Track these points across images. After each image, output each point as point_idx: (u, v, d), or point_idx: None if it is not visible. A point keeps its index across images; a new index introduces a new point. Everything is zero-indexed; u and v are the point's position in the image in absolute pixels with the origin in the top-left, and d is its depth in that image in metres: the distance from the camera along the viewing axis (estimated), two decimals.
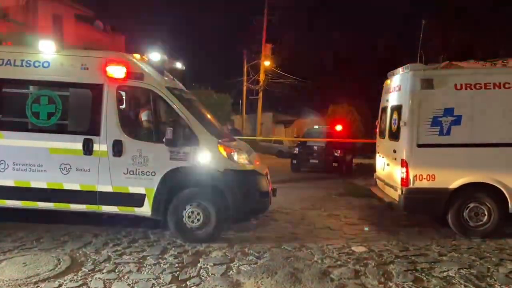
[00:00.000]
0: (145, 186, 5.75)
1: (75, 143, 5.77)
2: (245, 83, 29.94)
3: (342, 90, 26.26)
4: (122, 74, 5.83)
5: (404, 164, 6.29)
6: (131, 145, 5.77)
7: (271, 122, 38.60)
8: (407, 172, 6.25)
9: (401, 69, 6.83)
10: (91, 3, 21.52)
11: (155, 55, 6.26)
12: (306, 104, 31.73)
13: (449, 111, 6.20)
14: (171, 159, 5.73)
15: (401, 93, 6.75)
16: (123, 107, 6.25)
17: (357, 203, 8.99)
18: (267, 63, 28.19)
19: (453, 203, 6.26)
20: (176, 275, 4.68)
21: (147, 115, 6.07)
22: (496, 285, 4.59)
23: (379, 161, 7.83)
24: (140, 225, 6.39)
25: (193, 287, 4.42)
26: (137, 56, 6.20)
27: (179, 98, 6.05)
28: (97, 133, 5.79)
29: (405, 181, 6.28)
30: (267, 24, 28.44)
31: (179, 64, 7.03)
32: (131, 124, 6.11)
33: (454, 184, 6.20)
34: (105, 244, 5.63)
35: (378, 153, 8.02)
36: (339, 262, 5.16)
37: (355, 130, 23.59)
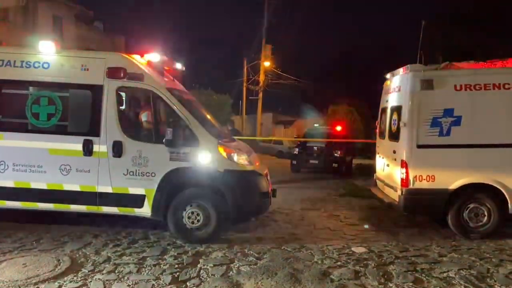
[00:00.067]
0: (145, 187, 5.76)
1: (75, 144, 5.77)
2: (245, 84, 29.94)
3: (342, 90, 26.30)
4: (122, 75, 5.83)
5: (404, 164, 6.29)
6: (131, 146, 5.77)
7: (271, 123, 38.63)
8: (407, 172, 6.25)
9: (401, 69, 6.83)
10: (91, 4, 21.57)
11: (155, 55, 6.26)
12: (306, 105, 31.74)
13: (449, 112, 6.20)
14: (171, 159, 5.73)
15: (401, 93, 6.75)
16: (123, 107, 6.24)
17: (357, 204, 8.99)
18: (267, 63, 28.18)
19: (453, 204, 6.26)
20: (176, 275, 4.68)
21: (147, 116, 6.07)
22: (496, 286, 4.59)
23: (379, 162, 7.83)
24: (140, 226, 6.39)
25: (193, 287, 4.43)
26: (137, 57, 6.20)
27: (179, 98, 6.05)
28: (97, 134, 5.79)
29: (405, 181, 6.28)
30: (267, 25, 28.43)
31: (179, 65, 7.03)
32: (131, 125, 6.11)
33: (454, 184, 6.21)
34: (105, 245, 5.63)
35: (378, 153, 8.02)
36: (339, 263, 5.16)
37: (355, 131, 23.62)
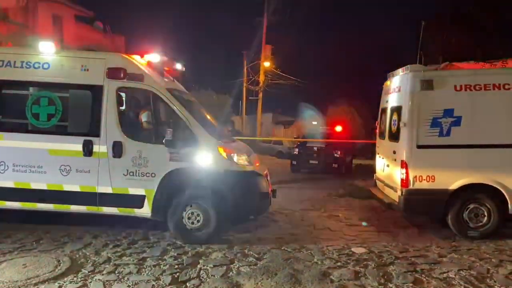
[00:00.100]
0: (145, 187, 5.76)
1: (75, 144, 5.77)
2: (245, 84, 29.96)
3: (342, 90, 26.33)
4: (122, 75, 5.83)
5: (404, 165, 6.29)
6: (131, 146, 5.77)
7: (271, 123, 38.63)
8: (407, 173, 6.25)
9: (401, 70, 6.83)
10: (91, 4, 21.56)
11: (155, 56, 6.26)
12: (306, 105, 31.75)
13: (448, 112, 6.20)
14: (171, 160, 5.73)
15: (401, 94, 6.75)
16: (123, 108, 6.25)
17: (357, 204, 8.99)
18: (267, 64, 28.18)
19: (453, 204, 6.26)
20: (176, 276, 4.68)
21: (147, 116, 6.07)
22: (495, 286, 4.59)
23: (379, 162, 7.83)
24: (140, 226, 6.39)
25: None
26: (137, 57, 6.20)
27: (179, 99, 6.05)
28: (97, 134, 5.79)
29: (405, 182, 6.28)
30: (267, 25, 28.43)
31: (179, 65, 7.03)
32: (131, 125, 6.10)
33: (454, 185, 6.20)
34: (105, 245, 5.63)
35: (378, 154, 8.02)
36: (339, 263, 5.16)
37: (355, 131, 23.64)
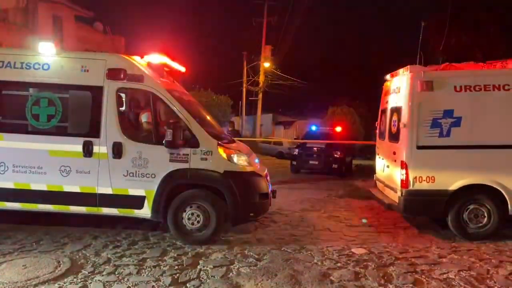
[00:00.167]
0: (145, 188, 5.76)
1: (75, 145, 5.77)
2: (244, 85, 29.98)
3: (342, 91, 26.34)
4: (122, 76, 5.82)
5: (404, 165, 6.29)
6: (131, 147, 5.77)
7: (271, 123, 38.65)
8: (406, 173, 6.25)
9: (401, 70, 6.83)
10: (91, 5, 21.57)
11: (155, 57, 6.26)
12: (306, 105, 31.78)
13: (448, 113, 6.20)
14: (171, 161, 5.73)
15: (400, 94, 6.75)
16: (123, 109, 6.24)
17: (357, 205, 8.98)
18: (266, 64, 28.20)
19: (453, 205, 6.25)
20: (176, 277, 4.68)
21: (147, 117, 6.08)
22: (495, 287, 4.59)
23: (379, 163, 7.83)
24: (140, 227, 6.39)
25: None
26: (137, 58, 6.20)
27: (179, 99, 6.05)
28: (97, 135, 5.79)
29: (404, 182, 6.28)
30: (266, 25, 28.47)
31: (179, 66, 7.02)
32: (131, 126, 6.11)
33: (454, 186, 6.20)
34: (105, 246, 5.63)
35: (378, 154, 8.02)
36: (339, 264, 5.16)
37: (355, 132, 23.63)
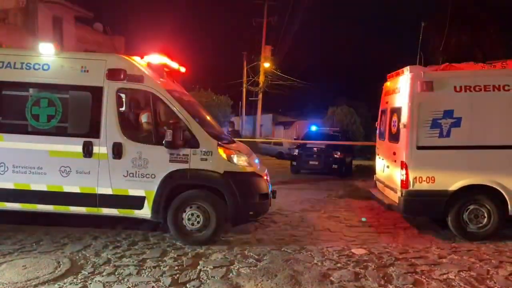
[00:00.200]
0: (145, 189, 5.76)
1: (75, 146, 5.77)
2: (244, 85, 29.98)
3: (342, 91, 26.35)
4: (122, 76, 5.82)
5: (404, 166, 6.29)
6: (131, 148, 5.77)
7: (271, 124, 38.67)
8: (406, 174, 6.25)
9: (401, 71, 6.83)
10: (91, 5, 21.57)
11: (155, 57, 6.26)
12: (306, 106, 31.79)
13: (448, 113, 6.20)
14: (170, 161, 5.73)
15: (400, 95, 6.75)
16: (123, 109, 6.25)
17: (357, 205, 8.98)
18: (266, 64, 28.19)
19: (453, 205, 6.26)
20: (176, 277, 4.67)
21: (147, 117, 6.07)
22: None
23: (379, 163, 7.83)
24: (140, 228, 6.39)
25: None
26: (137, 58, 6.20)
27: (179, 100, 6.05)
28: (97, 135, 5.79)
29: (404, 183, 6.28)
30: (266, 26, 28.45)
31: (179, 66, 7.02)
32: (131, 127, 6.11)
33: (454, 186, 6.20)
34: (105, 247, 5.63)
35: (378, 155, 8.02)
36: (339, 265, 5.16)
37: (355, 132, 23.63)
